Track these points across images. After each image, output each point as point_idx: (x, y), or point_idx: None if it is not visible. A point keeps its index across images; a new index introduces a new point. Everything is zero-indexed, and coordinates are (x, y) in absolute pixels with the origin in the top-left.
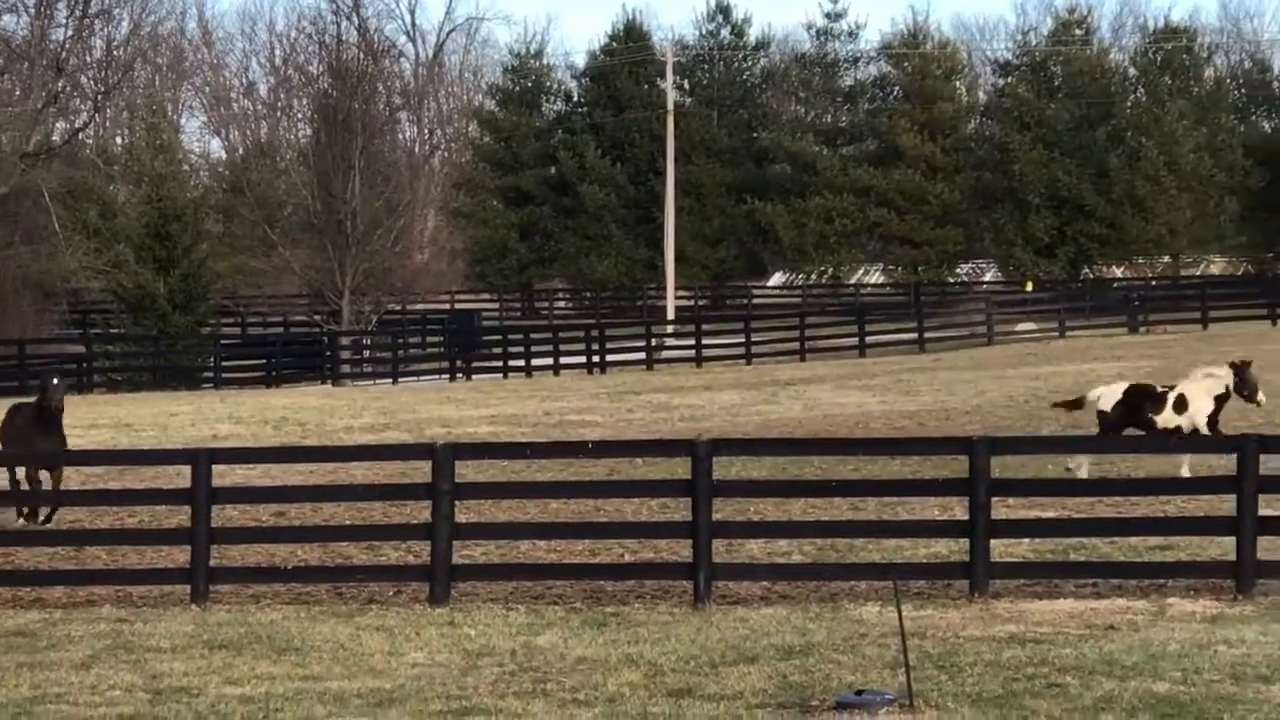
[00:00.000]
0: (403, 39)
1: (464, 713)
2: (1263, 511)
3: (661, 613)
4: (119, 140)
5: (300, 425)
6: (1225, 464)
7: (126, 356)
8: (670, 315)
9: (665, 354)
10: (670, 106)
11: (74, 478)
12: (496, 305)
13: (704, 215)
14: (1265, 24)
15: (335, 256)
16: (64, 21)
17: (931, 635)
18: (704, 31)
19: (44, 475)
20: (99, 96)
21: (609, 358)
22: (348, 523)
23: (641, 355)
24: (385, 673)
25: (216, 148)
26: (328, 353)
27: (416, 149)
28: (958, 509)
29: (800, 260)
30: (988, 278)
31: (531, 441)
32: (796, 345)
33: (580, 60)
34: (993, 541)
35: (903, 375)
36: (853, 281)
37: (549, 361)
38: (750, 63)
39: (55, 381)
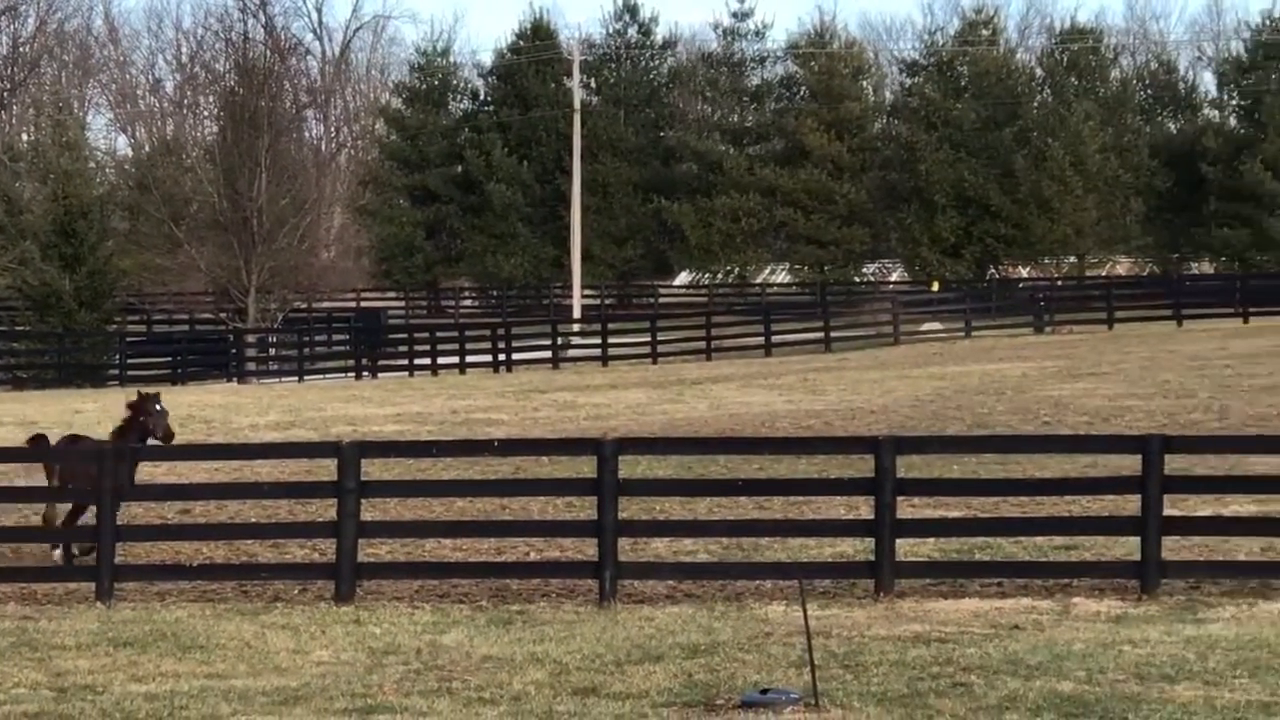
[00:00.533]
0: (309, 37)
1: (369, 711)
2: (1167, 511)
3: (567, 611)
4: (25, 137)
5: (206, 423)
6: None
7: (31, 354)
8: (576, 314)
9: (571, 353)
10: (577, 105)
11: None
12: (403, 303)
13: (610, 214)
14: (1171, 25)
15: (241, 254)
16: None
17: (837, 634)
18: (611, 30)
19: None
20: (4, 93)
21: (515, 356)
22: (253, 520)
23: (547, 354)
24: (290, 670)
25: (123, 145)
26: (233, 350)
27: (323, 147)
28: (863, 508)
29: (706, 259)
30: (894, 277)
31: (437, 440)
32: (702, 344)
33: (487, 59)
34: (898, 541)
35: (809, 374)
36: (759, 281)
37: (455, 360)
38: (657, 62)
39: (160, 406)
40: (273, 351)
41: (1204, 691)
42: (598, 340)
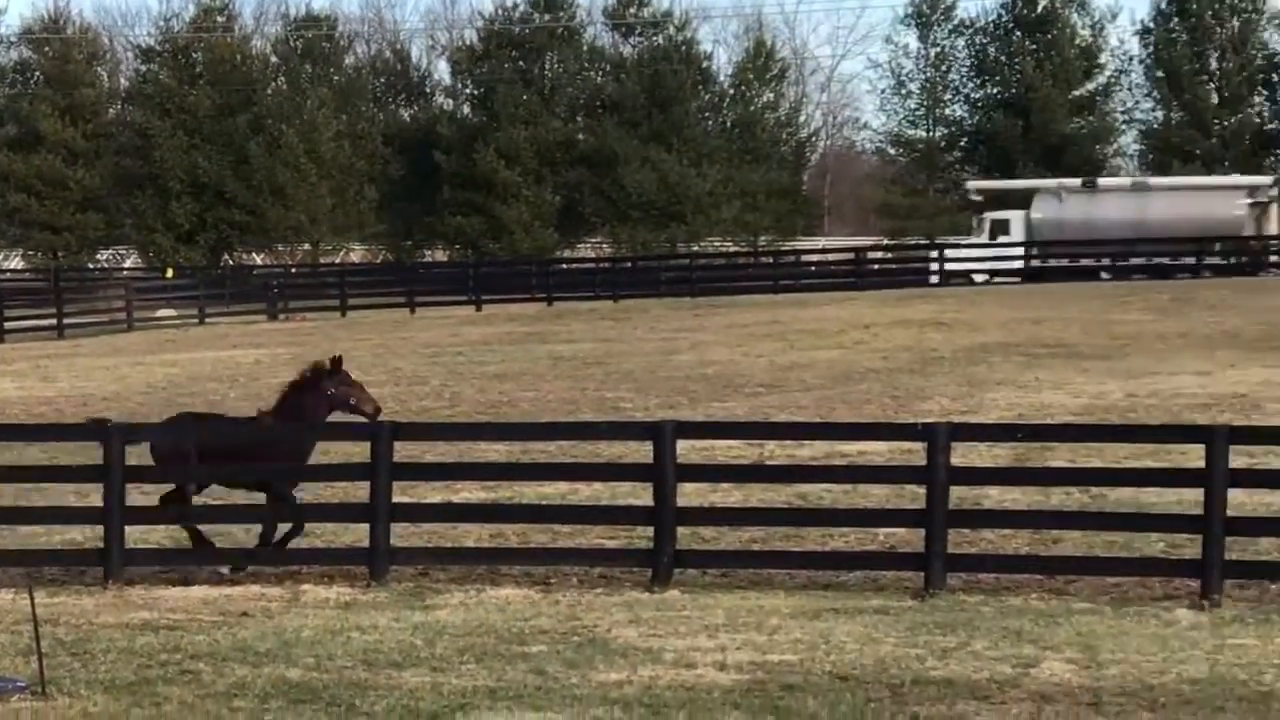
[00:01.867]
0: None
1: None
2: (396, 498)
3: None
4: None
5: None
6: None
7: None
8: None
9: None
10: None
11: None
12: None
13: None
14: (406, 14)
15: None
16: None
17: (65, 622)
18: None
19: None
20: None
21: None
22: None
23: None
24: None
25: None
26: None
27: None
28: (94, 495)
29: None
30: (128, 264)
31: None
32: None
33: None
34: (128, 528)
35: (41, 361)
36: None
37: None
38: None
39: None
40: None
41: (431, 677)
42: None
